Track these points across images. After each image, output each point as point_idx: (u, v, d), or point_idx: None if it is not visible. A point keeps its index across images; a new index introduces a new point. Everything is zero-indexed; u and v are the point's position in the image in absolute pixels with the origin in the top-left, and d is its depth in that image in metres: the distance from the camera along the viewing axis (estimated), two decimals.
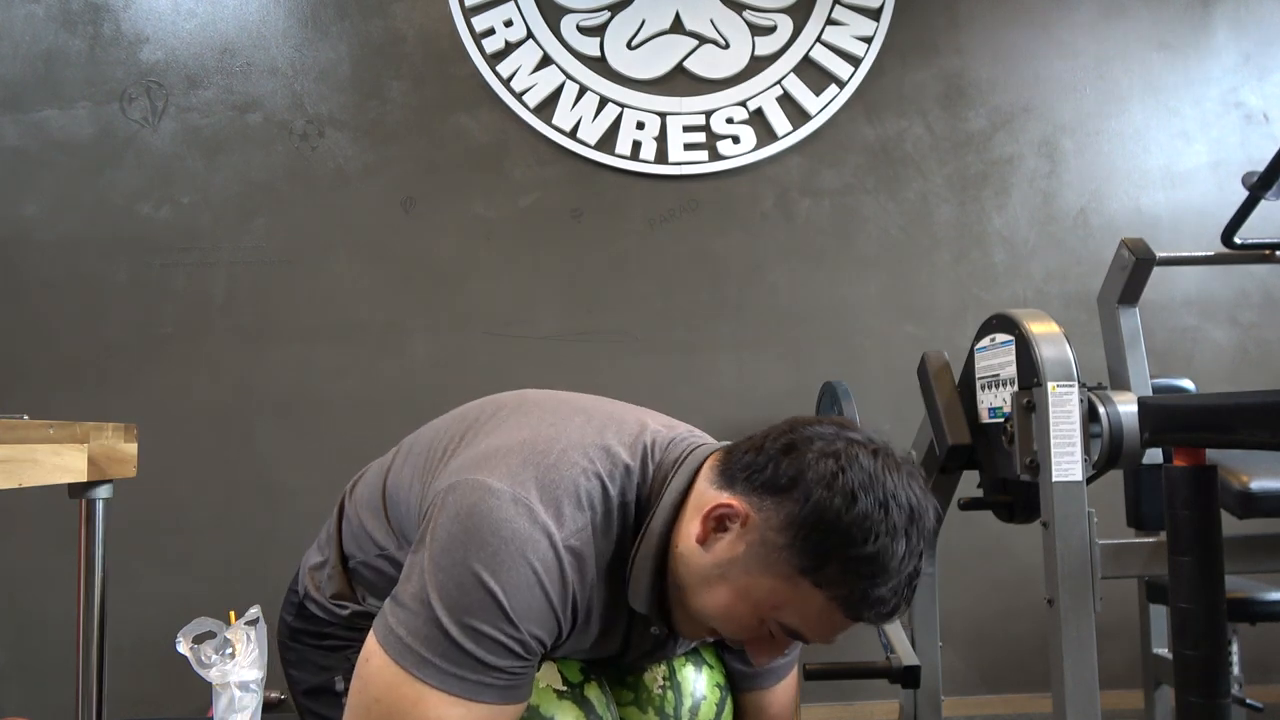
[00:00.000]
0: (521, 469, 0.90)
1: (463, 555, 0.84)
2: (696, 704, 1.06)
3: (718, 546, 0.92)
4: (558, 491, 0.89)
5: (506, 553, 0.84)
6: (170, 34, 2.89)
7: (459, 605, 0.83)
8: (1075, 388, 1.63)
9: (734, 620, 0.92)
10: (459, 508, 0.87)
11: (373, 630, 0.88)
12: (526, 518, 0.86)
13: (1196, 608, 1.19)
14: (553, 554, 0.86)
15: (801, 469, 0.89)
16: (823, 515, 0.87)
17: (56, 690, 2.62)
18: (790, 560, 0.88)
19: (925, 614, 2.24)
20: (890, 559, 0.87)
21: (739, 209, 2.92)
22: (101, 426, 1.30)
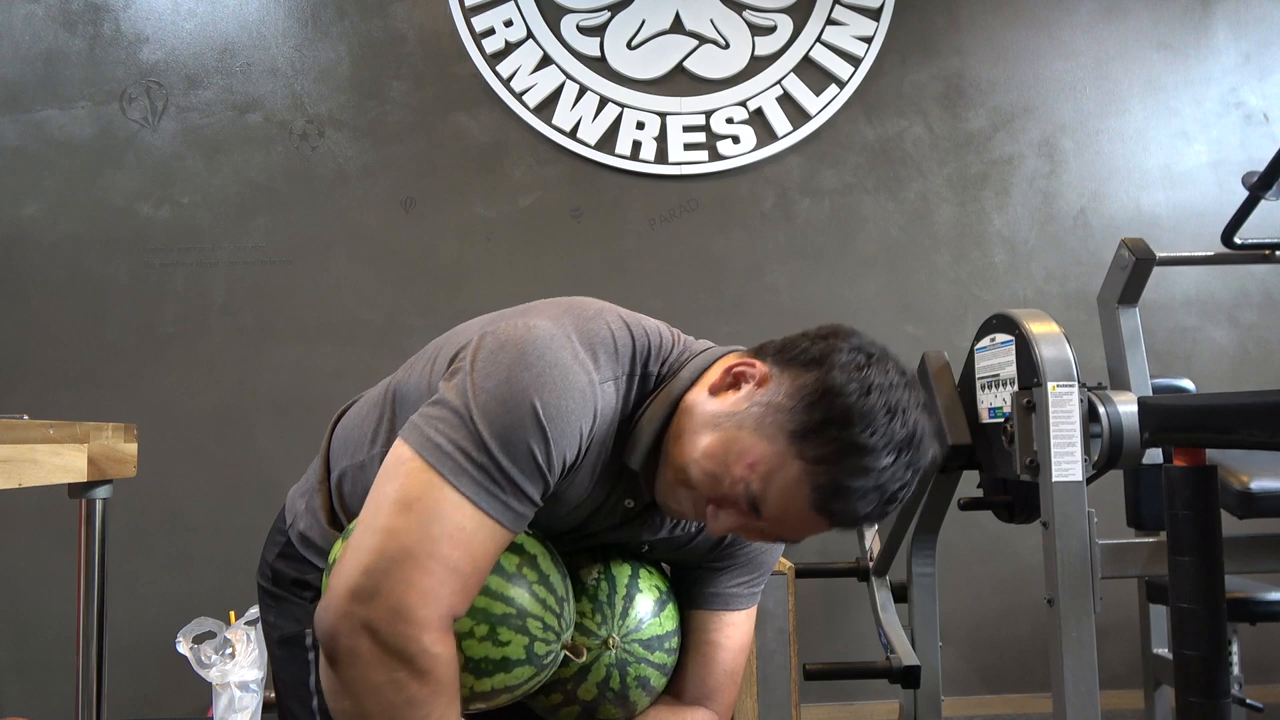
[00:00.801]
0: (562, 316, 0.92)
1: (509, 374, 0.85)
2: (631, 596, 1.03)
3: (727, 398, 0.92)
4: (595, 341, 0.91)
5: (551, 377, 0.85)
6: (170, 34, 2.89)
7: (503, 421, 0.83)
8: (1075, 388, 1.63)
9: (708, 469, 0.90)
10: (502, 339, 0.88)
11: (403, 435, 0.87)
12: (570, 352, 0.88)
13: (1196, 608, 1.19)
14: (591, 390, 0.88)
15: (831, 352, 0.92)
16: (833, 392, 0.88)
17: (56, 690, 2.63)
18: (786, 423, 0.88)
19: (925, 614, 2.24)
20: (876, 460, 0.86)
21: (739, 209, 2.92)
22: (101, 426, 1.30)
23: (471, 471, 0.83)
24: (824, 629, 2.82)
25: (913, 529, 2.23)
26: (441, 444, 0.83)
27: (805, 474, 0.87)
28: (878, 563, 2.37)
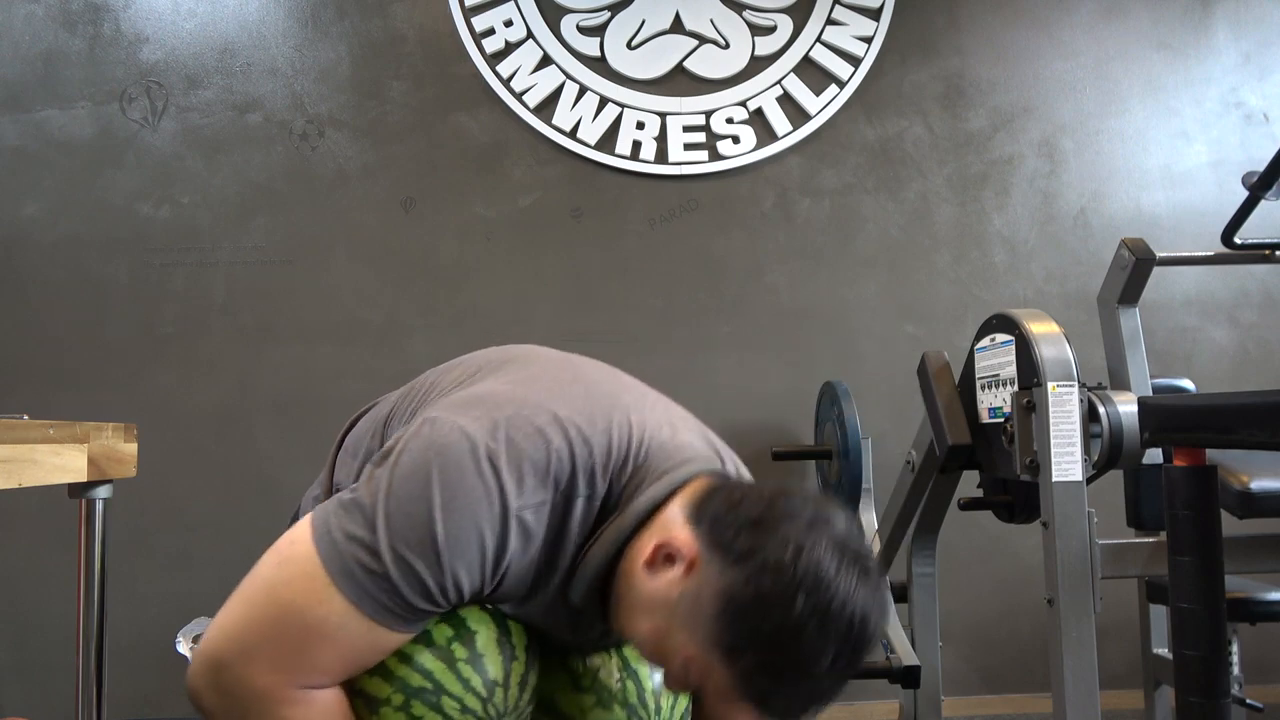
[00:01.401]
0: (502, 426, 0.90)
1: (420, 491, 0.85)
2: (658, 687, 1.03)
3: (659, 579, 0.90)
4: (526, 459, 0.88)
5: (459, 504, 0.85)
6: (170, 34, 2.89)
7: (400, 535, 0.84)
8: (1075, 388, 1.63)
9: (649, 653, 0.92)
10: (432, 442, 0.88)
11: (310, 517, 0.89)
12: (490, 475, 0.87)
13: (1196, 608, 1.19)
14: (501, 519, 0.87)
15: (758, 547, 0.85)
16: (756, 606, 0.84)
17: (56, 690, 2.63)
18: (712, 632, 0.86)
19: (925, 614, 2.24)
20: (807, 669, 0.84)
21: (739, 209, 2.92)
22: (101, 426, 1.30)
23: (357, 574, 0.85)
24: None
25: (913, 529, 2.23)
26: (339, 540, 0.86)
27: (738, 682, 0.86)
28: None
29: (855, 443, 2.47)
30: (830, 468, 2.65)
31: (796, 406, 2.84)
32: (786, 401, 2.85)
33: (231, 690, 0.86)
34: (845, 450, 2.48)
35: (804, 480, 2.89)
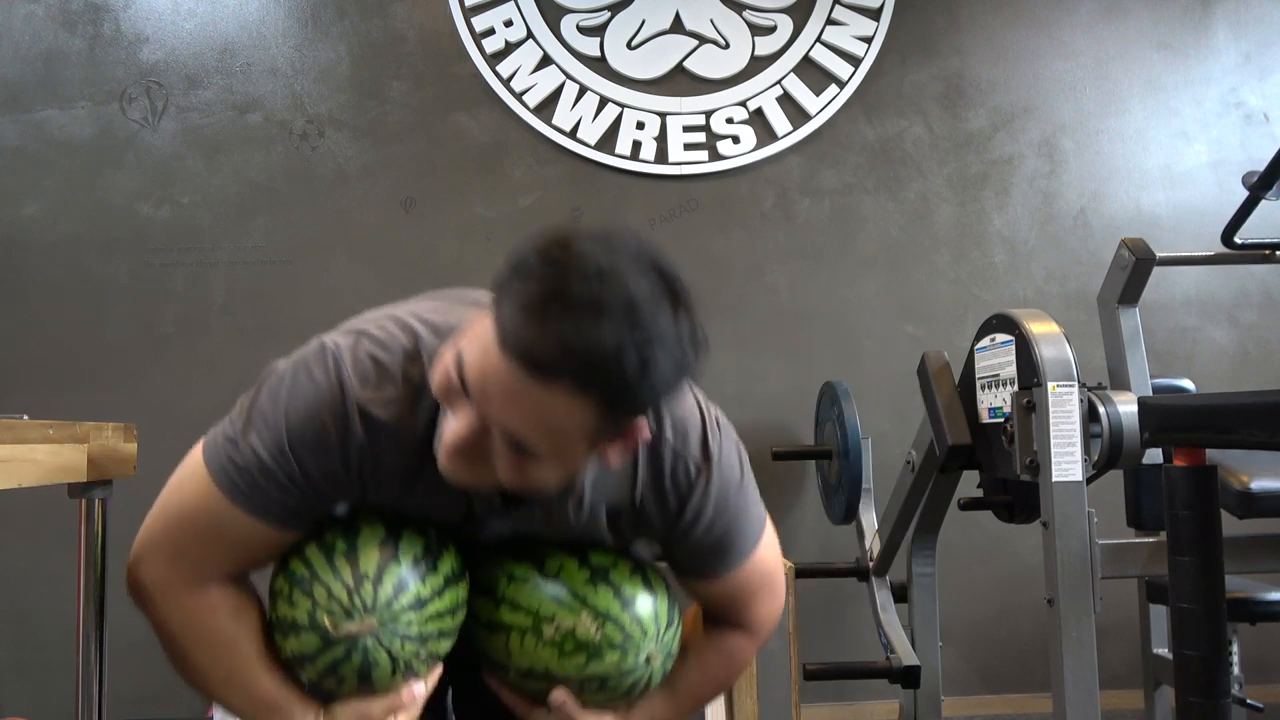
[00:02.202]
0: (359, 332, 0.94)
1: (276, 391, 0.92)
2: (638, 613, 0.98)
3: None
4: (371, 359, 0.91)
5: (302, 398, 0.90)
6: (170, 34, 2.89)
7: (255, 429, 0.91)
8: (1075, 388, 1.63)
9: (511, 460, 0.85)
10: (297, 354, 0.95)
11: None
12: (333, 371, 0.91)
13: (1196, 608, 1.19)
14: (341, 410, 0.90)
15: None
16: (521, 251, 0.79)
17: (56, 690, 2.63)
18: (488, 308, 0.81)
19: (925, 614, 2.24)
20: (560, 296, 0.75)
21: (739, 209, 2.92)
22: (101, 426, 1.30)
23: (228, 468, 0.92)
24: (824, 629, 2.82)
25: (913, 529, 2.23)
26: (218, 442, 0.94)
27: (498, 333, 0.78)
28: (878, 563, 2.37)
29: (855, 443, 2.47)
30: (830, 468, 2.65)
31: (796, 406, 2.84)
32: (786, 401, 2.85)
33: (145, 585, 0.98)
34: (845, 450, 2.48)
35: (804, 480, 2.89)
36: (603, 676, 0.96)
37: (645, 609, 0.98)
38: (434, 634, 0.95)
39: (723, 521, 1.01)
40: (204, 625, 0.97)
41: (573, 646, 0.95)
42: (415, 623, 0.92)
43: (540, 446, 0.81)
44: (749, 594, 1.08)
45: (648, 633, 0.98)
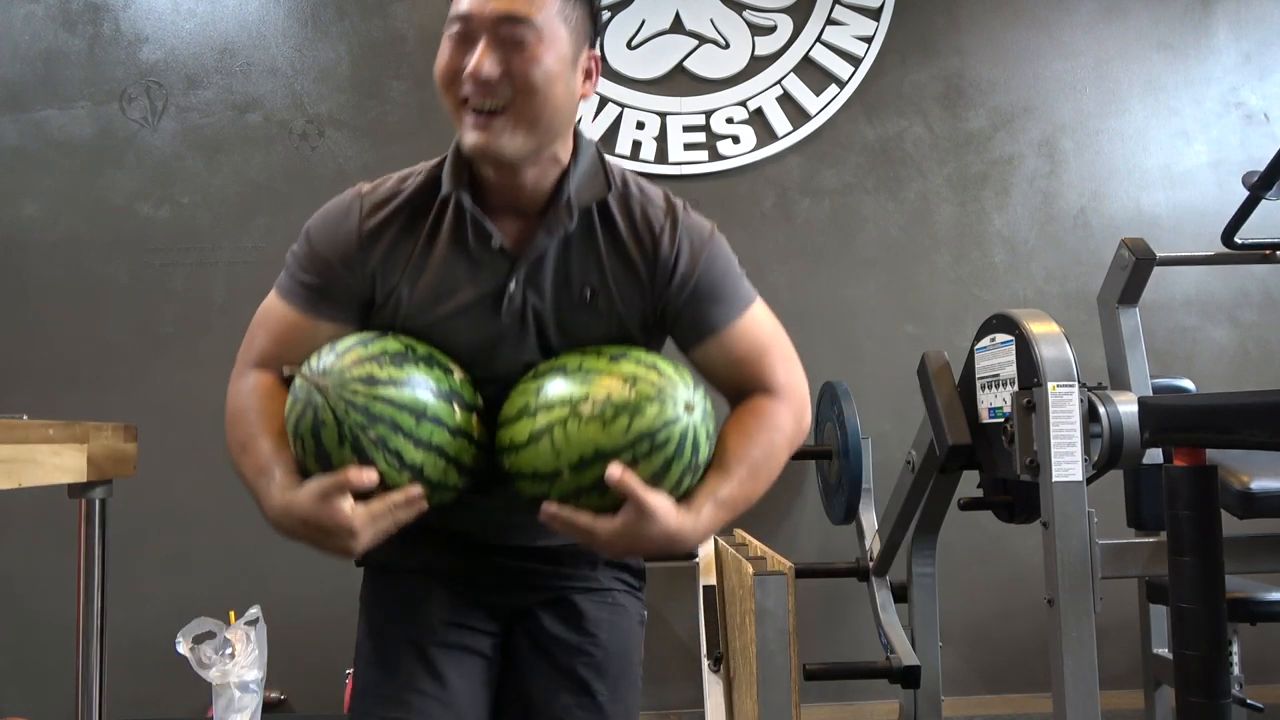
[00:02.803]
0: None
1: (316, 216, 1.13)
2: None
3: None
4: (389, 178, 1.11)
5: (328, 206, 1.12)
6: (170, 34, 2.89)
7: (299, 242, 1.13)
8: (1075, 388, 1.63)
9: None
10: None
11: None
12: (351, 191, 1.11)
13: (1196, 608, 1.19)
14: (351, 201, 1.09)
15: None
16: None
17: (56, 690, 2.62)
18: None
19: (925, 614, 2.24)
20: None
21: (739, 209, 2.92)
22: (101, 426, 1.30)
23: (282, 276, 1.14)
24: (824, 629, 2.82)
25: (913, 529, 2.23)
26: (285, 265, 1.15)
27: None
28: (878, 563, 2.37)
29: (855, 443, 2.47)
30: (830, 468, 2.65)
31: None
32: None
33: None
34: (845, 450, 2.48)
35: (804, 480, 2.89)
36: (650, 433, 0.95)
37: (667, 365, 1.01)
38: (387, 420, 0.95)
39: (705, 263, 1.11)
40: (236, 401, 1.11)
41: (613, 412, 0.95)
42: (362, 395, 0.95)
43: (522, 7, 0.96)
44: (759, 352, 1.10)
45: (677, 381, 0.99)
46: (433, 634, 1.12)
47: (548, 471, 0.97)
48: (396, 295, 1.06)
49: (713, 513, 1.00)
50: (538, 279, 1.06)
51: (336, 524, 0.93)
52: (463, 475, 1.03)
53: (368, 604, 1.19)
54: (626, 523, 0.95)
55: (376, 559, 1.17)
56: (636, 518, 0.94)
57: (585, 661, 1.13)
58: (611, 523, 0.95)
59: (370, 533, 0.95)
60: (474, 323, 1.06)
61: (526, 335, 1.07)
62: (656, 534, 0.95)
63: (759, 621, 1.78)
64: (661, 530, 0.95)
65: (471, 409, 1.04)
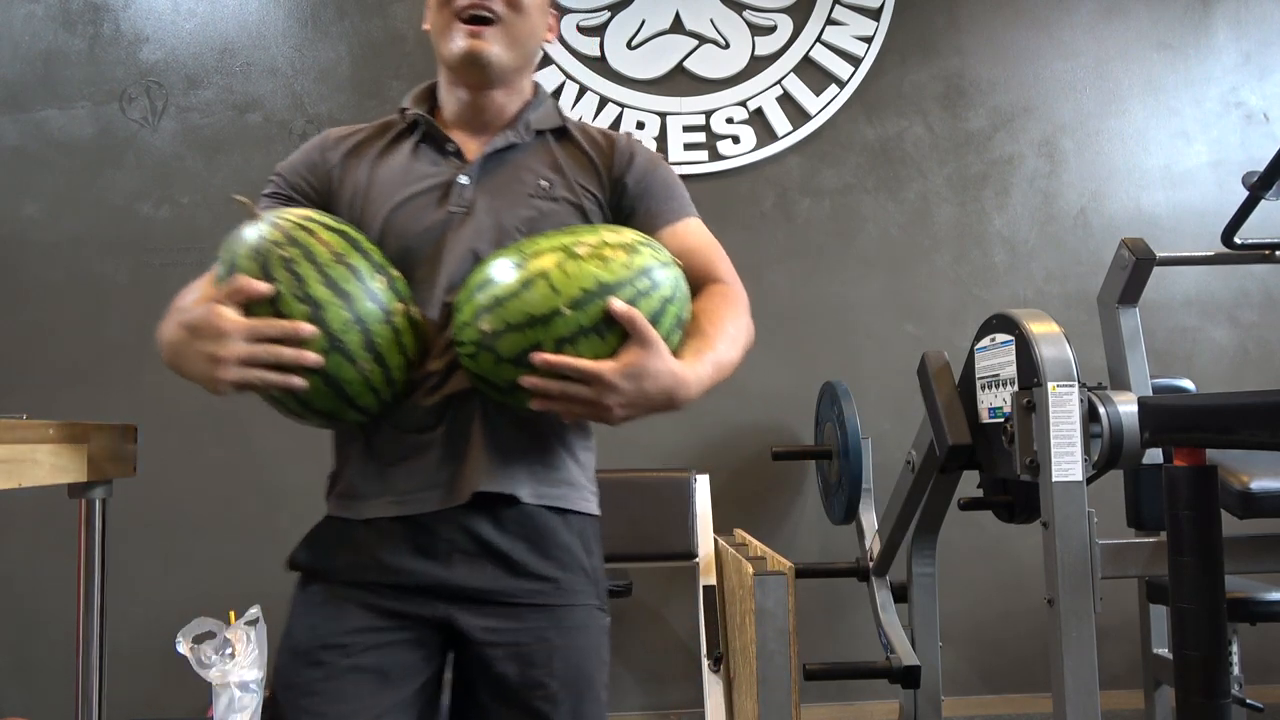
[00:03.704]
0: None
1: None
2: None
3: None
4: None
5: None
6: (170, 34, 2.89)
7: None
8: (1075, 388, 1.63)
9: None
10: None
11: None
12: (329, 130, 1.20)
13: (1196, 608, 1.19)
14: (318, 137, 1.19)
15: None
16: None
17: (56, 690, 2.62)
18: None
19: (925, 614, 2.24)
20: None
21: (739, 209, 2.92)
22: (101, 426, 1.30)
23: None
24: (824, 629, 2.82)
25: (913, 529, 2.23)
26: None
27: None
28: (878, 563, 2.37)
29: (855, 443, 2.47)
30: (830, 468, 2.65)
31: (796, 406, 2.84)
32: (786, 401, 2.85)
33: None
34: (845, 450, 2.48)
35: (804, 480, 2.89)
36: (648, 270, 0.94)
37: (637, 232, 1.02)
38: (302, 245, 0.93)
39: (659, 166, 1.17)
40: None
41: (610, 250, 0.94)
42: (290, 222, 0.95)
43: None
44: (709, 248, 1.17)
45: (652, 242, 1.00)
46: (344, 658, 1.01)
47: (543, 313, 0.90)
48: (355, 182, 1.10)
49: (704, 368, 0.97)
50: (491, 174, 1.09)
51: (208, 321, 0.89)
52: (372, 358, 0.94)
53: (288, 621, 1.08)
54: (632, 360, 0.90)
55: (303, 559, 1.09)
56: (642, 352, 0.90)
57: (542, 695, 1.02)
58: (615, 363, 0.90)
59: (240, 345, 0.88)
60: (424, 210, 1.06)
61: (477, 222, 1.05)
62: (662, 372, 0.91)
63: (759, 621, 1.78)
64: (666, 369, 0.91)
65: (403, 300, 0.98)
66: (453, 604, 1.02)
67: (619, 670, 2.77)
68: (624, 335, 0.91)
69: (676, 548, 2.42)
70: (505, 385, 0.93)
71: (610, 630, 1.11)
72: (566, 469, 1.07)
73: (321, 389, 0.93)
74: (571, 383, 0.90)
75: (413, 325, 0.99)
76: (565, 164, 1.11)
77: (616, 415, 0.91)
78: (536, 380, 0.90)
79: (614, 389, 0.89)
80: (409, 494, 1.03)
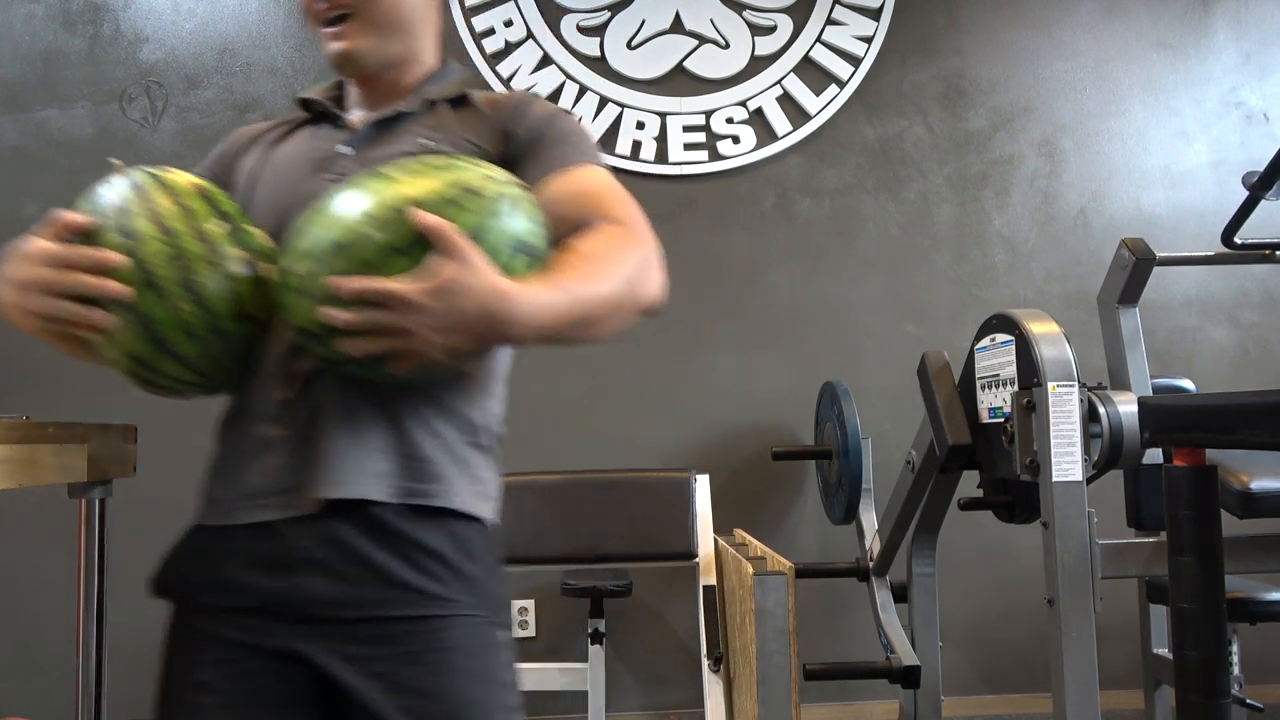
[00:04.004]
0: None
1: None
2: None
3: None
4: None
5: None
6: (170, 34, 2.89)
7: None
8: (1075, 388, 1.63)
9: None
10: None
11: None
12: None
13: (1196, 608, 1.19)
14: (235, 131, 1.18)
15: None
16: None
17: (56, 690, 2.63)
18: None
19: (925, 614, 2.24)
20: None
21: (739, 209, 2.92)
22: (101, 426, 1.30)
23: None
24: (824, 629, 2.82)
25: (913, 529, 2.23)
26: None
27: None
28: (878, 563, 2.37)
29: (855, 443, 2.47)
30: (830, 468, 2.65)
31: (796, 406, 2.84)
32: (786, 401, 2.85)
33: None
34: (845, 450, 2.48)
35: (804, 480, 2.89)
36: (468, 185, 0.84)
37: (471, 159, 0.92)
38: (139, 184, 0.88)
39: (560, 117, 1.04)
40: None
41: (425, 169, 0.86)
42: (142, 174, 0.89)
43: None
44: (604, 192, 0.98)
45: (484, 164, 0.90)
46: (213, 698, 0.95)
47: (348, 239, 0.82)
48: (250, 168, 1.08)
49: (551, 294, 0.83)
50: (373, 142, 1.04)
51: (18, 248, 0.85)
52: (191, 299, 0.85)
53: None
54: (441, 276, 0.77)
55: (160, 581, 1.03)
56: (453, 267, 0.78)
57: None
58: (423, 282, 0.78)
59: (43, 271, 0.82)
60: (302, 182, 1.01)
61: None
62: (478, 287, 0.78)
63: (759, 621, 1.78)
64: (484, 284, 0.78)
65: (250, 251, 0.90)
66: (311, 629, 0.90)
67: (619, 670, 2.77)
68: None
69: (676, 548, 2.42)
70: (322, 333, 0.82)
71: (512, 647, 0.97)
72: (437, 465, 0.93)
73: (131, 327, 0.84)
74: (375, 309, 0.78)
75: (261, 283, 0.90)
76: (453, 124, 1.04)
77: (433, 343, 0.79)
78: (338, 312, 0.79)
79: (420, 309, 0.78)
80: (258, 497, 0.93)
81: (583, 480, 2.35)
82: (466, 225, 0.81)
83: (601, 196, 0.98)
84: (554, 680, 2.58)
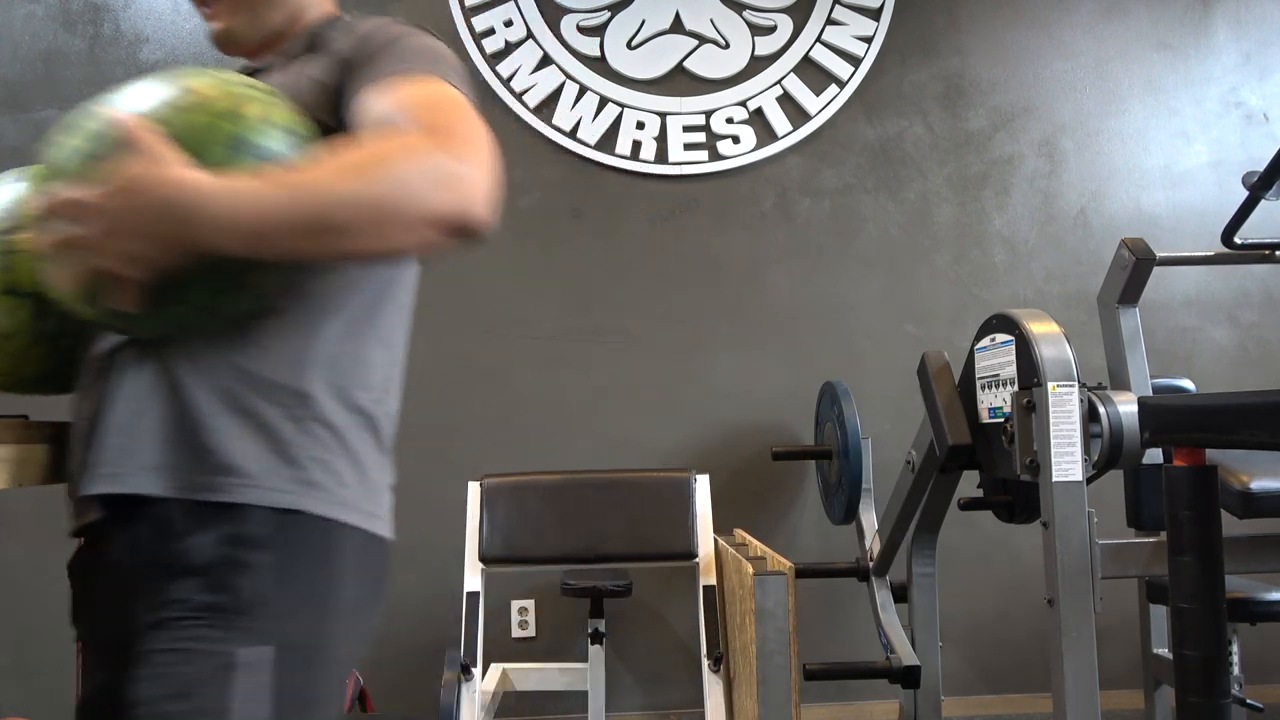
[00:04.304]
0: None
1: None
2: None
3: None
4: None
5: None
6: (170, 34, 2.89)
7: None
8: (1075, 388, 1.63)
9: None
10: None
11: None
12: None
13: (1196, 608, 1.19)
14: None
15: None
16: None
17: (56, 690, 2.63)
18: None
19: (925, 614, 2.24)
20: None
21: (739, 209, 2.92)
22: None
23: None
24: (824, 629, 2.82)
25: (913, 529, 2.23)
26: None
27: None
28: (878, 563, 2.37)
29: (855, 443, 2.47)
30: (830, 468, 2.65)
31: (796, 406, 2.84)
32: (786, 401, 2.86)
33: None
34: (845, 450, 2.48)
35: (804, 480, 2.89)
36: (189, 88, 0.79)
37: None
38: None
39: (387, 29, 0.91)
40: None
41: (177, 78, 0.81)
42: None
43: None
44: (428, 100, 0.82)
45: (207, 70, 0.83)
46: None
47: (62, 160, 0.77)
48: None
49: (253, 186, 0.72)
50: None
51: None
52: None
53: None
54: (119, 175, 0.70)
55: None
56: (133, 162, 0.70)
57: None
58: (103, 185, 0.70)
59: None
60: None
61: None
62: (156, 180, 0.70)
63: (759, 621, 1.78)
64: (163, 176, 0.70)
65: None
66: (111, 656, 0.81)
67: (619, 670, 2.77)
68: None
69: (676, 548, 2.42)
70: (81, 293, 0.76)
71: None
72: (226, 453, 0.80)
73: None
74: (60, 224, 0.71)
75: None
76: (301, 67, 0.93)
77: (114, 250, 0.70)
78: (32, 236, 0.73)
79: (95, 211, 0.70)
80: (72, 501, 0.85)
81: (583, 480, 2.35)
82: (174, 125, 0.75)
83: (418, 105, 0.80)
84: (554, 680, 2.58)
